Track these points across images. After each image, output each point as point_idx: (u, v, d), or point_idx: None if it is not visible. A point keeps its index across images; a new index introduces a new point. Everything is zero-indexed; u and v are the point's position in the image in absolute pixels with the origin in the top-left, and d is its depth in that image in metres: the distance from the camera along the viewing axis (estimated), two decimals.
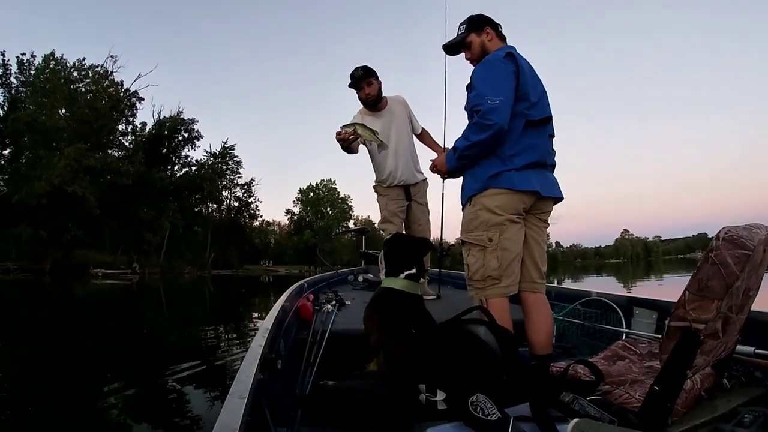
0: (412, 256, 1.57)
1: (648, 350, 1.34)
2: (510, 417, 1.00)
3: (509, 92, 1.61)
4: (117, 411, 2.71)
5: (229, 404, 0.85)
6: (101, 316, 8.37)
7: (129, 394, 3.03)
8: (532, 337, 1.66)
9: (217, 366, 3.92)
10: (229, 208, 51.26)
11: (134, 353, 4.57)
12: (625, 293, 2.15)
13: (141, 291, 16.47)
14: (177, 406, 2.85)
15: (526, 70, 1.69)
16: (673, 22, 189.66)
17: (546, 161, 1.74)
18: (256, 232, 60.11)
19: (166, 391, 3.12)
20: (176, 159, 43.16)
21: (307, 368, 1.56)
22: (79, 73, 34.85)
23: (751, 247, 0.97)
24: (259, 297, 14.08)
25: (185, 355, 4.44)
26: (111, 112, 34.92)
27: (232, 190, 50.81)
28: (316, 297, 2.68)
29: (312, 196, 59.24)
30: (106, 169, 31.42)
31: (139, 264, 32.38)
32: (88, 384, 3.35)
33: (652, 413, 0.99)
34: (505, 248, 1.63)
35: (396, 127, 3.10)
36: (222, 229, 47.03)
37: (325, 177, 63.26)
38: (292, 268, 52.41)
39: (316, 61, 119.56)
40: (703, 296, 0.99)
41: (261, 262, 55.85)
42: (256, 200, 52.32)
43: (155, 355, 4.61)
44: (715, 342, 1.02)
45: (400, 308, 1.44)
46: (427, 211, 3.31)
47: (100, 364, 4.01)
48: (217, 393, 3.04)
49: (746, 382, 1.16)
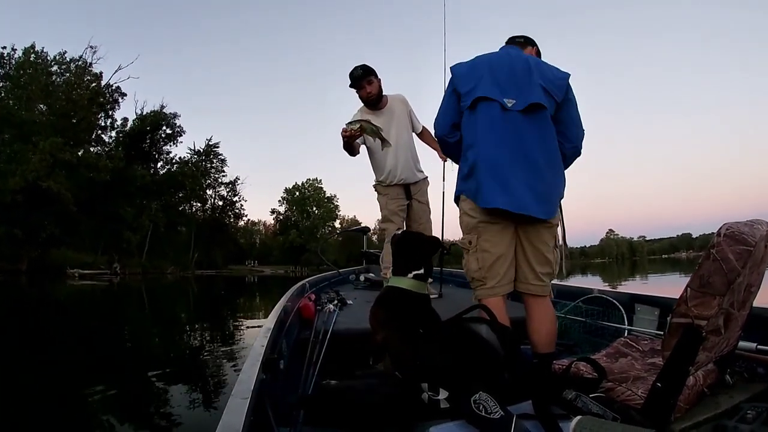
0: (422, 256, 1.55)
1: (650, 347, 1.34)
2: (513, 415, 0.99)
3: (444, 104, 1.75)
4: (101, 416, 2.65)
5: (232, 404, 0.84)
6: (75, 320, 8.03)
7: (111, 396, 2.96)
8: (532, 336, 1.65)
9: (200, 368, 3.87)
10: (214, 207, 50.59)
11: (113, 357, 4.44)
12: (626, 290, 2.17)
13: (119, 292, 16.02)
14: (161, 409, 2.79)
15: (462, 70, 1.71)
16: (626, 21, 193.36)
17: (511, 164, 1.56)
18: (241, 231, 59.50)
19: (149, 394, 3.06)
20: (158, 155, 42.15)
21: (309, 368, 1.54)
22: (60, 67, 33.94)
23: (753, 243, 0.97)
24: (244, 298, 13.83)
25: (166, 358, 4.37)
26: (89, 105, 33.86)
27: (217, 188, 50.25)
28: (317, 297, 2.67)
29: (298, 196, 58.70)
30: (83, 165, 30.47)
31: (120, 264, 31.47)
32: (69, 388, 3.25)
33: (654, 410, 0.99)
34: (485, 250, 1.61)
35: (396, 125, 3.08)
36: (206, 229, 46.31)
37: (311, 176, 63.21)
38: (277, 268, 51.90)
39: (304, 58, 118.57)
40: (705, 292, 0.99)
41: (246, 263, 55.21)
42: (241, 199, 51.77)
43: (134, 358, 4.50)
44: (717, 338, 1.03)
45: (408, 308, 1.42)
46: (428, 210, 3.29)
47: (80, 368, 3.89)
48: (199, 395, 3.00)
49: (749, 378, 1.17)
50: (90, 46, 35.34)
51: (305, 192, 58.84)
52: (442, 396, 1.13)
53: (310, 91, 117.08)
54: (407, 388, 1.18)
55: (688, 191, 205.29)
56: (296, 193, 58.95)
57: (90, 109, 34.08)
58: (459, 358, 1.21)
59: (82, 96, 33.43)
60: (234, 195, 50.95)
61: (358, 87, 3.00)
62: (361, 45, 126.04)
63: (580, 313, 2.26)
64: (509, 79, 1.62)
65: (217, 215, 50.07)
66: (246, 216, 56.35)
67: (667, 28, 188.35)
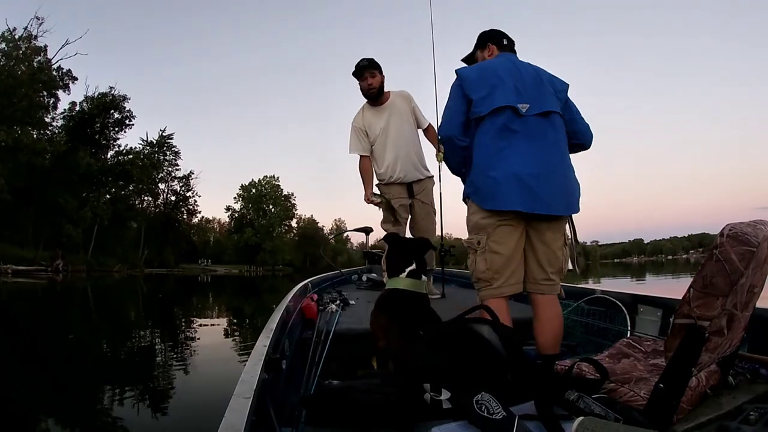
0: (411, 253, 1.55)
1: (653, 348, 1.34)
2: (515, 415, 0.99)
3: (453, 106, 1.73)
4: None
5: (234, 404, 0.85)
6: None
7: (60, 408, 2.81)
8: (538, 337, 1.65)
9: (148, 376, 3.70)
10: (166, 203, 47.61)
11: (58, 365, 4.04)
12: (630, 291, 2.16)
13: (57, 292, 14.60)
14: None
15: (472, 75, 1.72)
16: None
17: (533, 166, 1.60)
18: (195, 229, 57.31)
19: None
20: (106, 142, 38.31)
21: (311, 368, 1.55)
22: (8, 45, 29.59)
23: (756, 244, 0.97)
24: (197, 297, 12.94)
25: (110, 367, 4.07)
26: (31, 81, 29.39)
27: (170, 183, 47.11)
28: (320, 297, 2.67)
29: (254, 193, 56.54)
30: (20, 147, 26.80)
31: (63, 261, 28.30)
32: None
33: (657, 411, 0.99)
34: (494, 251, 1.60)
35: (396, 120, 3.06)
36: (157, 225, 43.83)
37: (268, 173, 60.69)
38: (231, 267, 50.46)
39: (263, 51, 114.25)
40: (708, 293, 0.98)
41: (199, 261, 53.37)
42: (195, 195, 48.89)
43: (77, 366, 4.09)
44: (720, 339, 1.02)
45: (406, 309, 1.43)
46: (432, 211, 3.19)
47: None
48: (146, 403, 2.91)
49: (751, 379, 1.16)
50: (36, 17, 30.38)
51: (262, 189, 56.63)
52: (444, 396, 1.14)
53: (270, 84, 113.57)
54: (409, 388, 1.18)
55: (642, 198, 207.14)
56: (252, 191, 56.79)
57: (31, 86, 29.36)
58: (455, 356, 1.22)
59: (24, 72, 28.95)
60: (188, 190, 48.31)
61: (360, 77, 3.00)
62: (328, 37, 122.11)
63: (583, 314, 2.25)
64: (523, 87, 1.68)
65: (169, 211, 46.97)
66: (200, 213, 53.83)
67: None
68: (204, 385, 3.43)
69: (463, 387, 1.08)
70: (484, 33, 1.94)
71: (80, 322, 7.58)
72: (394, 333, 1.38)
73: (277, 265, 54.05)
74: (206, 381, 3.53)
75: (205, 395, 3.04)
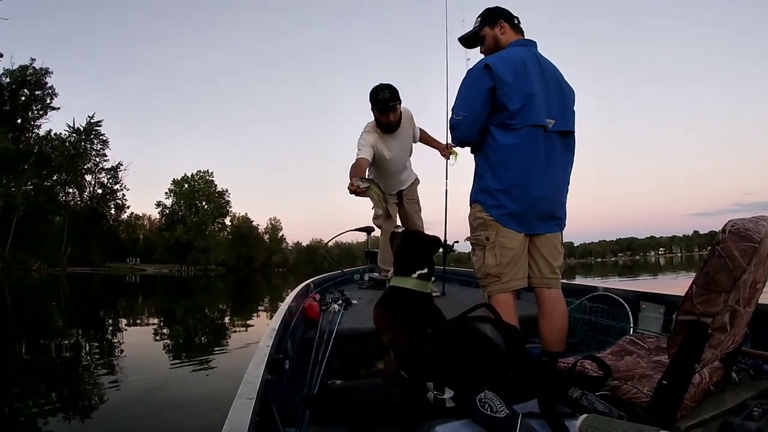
0: (426, 256, 1.56)
1: (656, 345, 1.34)
2: (518, 413, 0.99)
3: (475, 107, 1.62)
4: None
5: (238, 405, 0.85)
6: None
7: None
8: (545, 333, 1.66)
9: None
10: (92, 196, 43.81)
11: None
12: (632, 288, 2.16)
13: None
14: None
15: (508, 79, 1.58)
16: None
17: (542, 189, 1.63)
18: (123, 225, 53.75)
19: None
20: (23, 122, 34.14)
21: (314, 368, 1.55)
22: None
23: (758, 240, 0.97)
24: (126, 298, 12.02)
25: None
26: None
27: (97, 174, 43.36)
28: (322, 297, 2.67)
29: (186, 188, 54.05)
30: None
31: None
32: None
33: (660, 408, 0.99)
34: (504, 246, 1.62)
35: (401, 149, 3.05)
36: (82, 220, 40.14)
37: (201, 168, 57.92)
38: (161, 267, 47.94)
39: (202, 37, 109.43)
40: (710, 290, 0.98)
41: (127, 260, 50.36)
42: (124, 188, 45.37)
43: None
44: (723, 335, 1.02)
45: (413, 308, 1.43)
46: (418, 207, 3.34)
47: None
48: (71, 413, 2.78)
49: (755, 375, 1.16)
50: None
51: (195, 185, 54.22)
52: (448, 395, 1.14)
53: (207, 75, 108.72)
54: (412, 387, 1.18)
55: (572, 203, 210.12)
56: (185, 186, 54.26)
57: None
58: (458, 354, 1.22)
59: None
60: (116, 183, 44.72)
61: (381, 111, 2.78)
62: (275, 25, 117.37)
63: (585, 311, 2.25)
64: (549, 97, 1.66)
65: (95, 205, 43.28)
66: (128, 208, 50.06)
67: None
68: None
69: (466, 385, 1.08)
70: (492, 9, 1.81)
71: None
72: (399, 331, 1.38)
73: (209, 265, 51.70)
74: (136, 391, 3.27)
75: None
